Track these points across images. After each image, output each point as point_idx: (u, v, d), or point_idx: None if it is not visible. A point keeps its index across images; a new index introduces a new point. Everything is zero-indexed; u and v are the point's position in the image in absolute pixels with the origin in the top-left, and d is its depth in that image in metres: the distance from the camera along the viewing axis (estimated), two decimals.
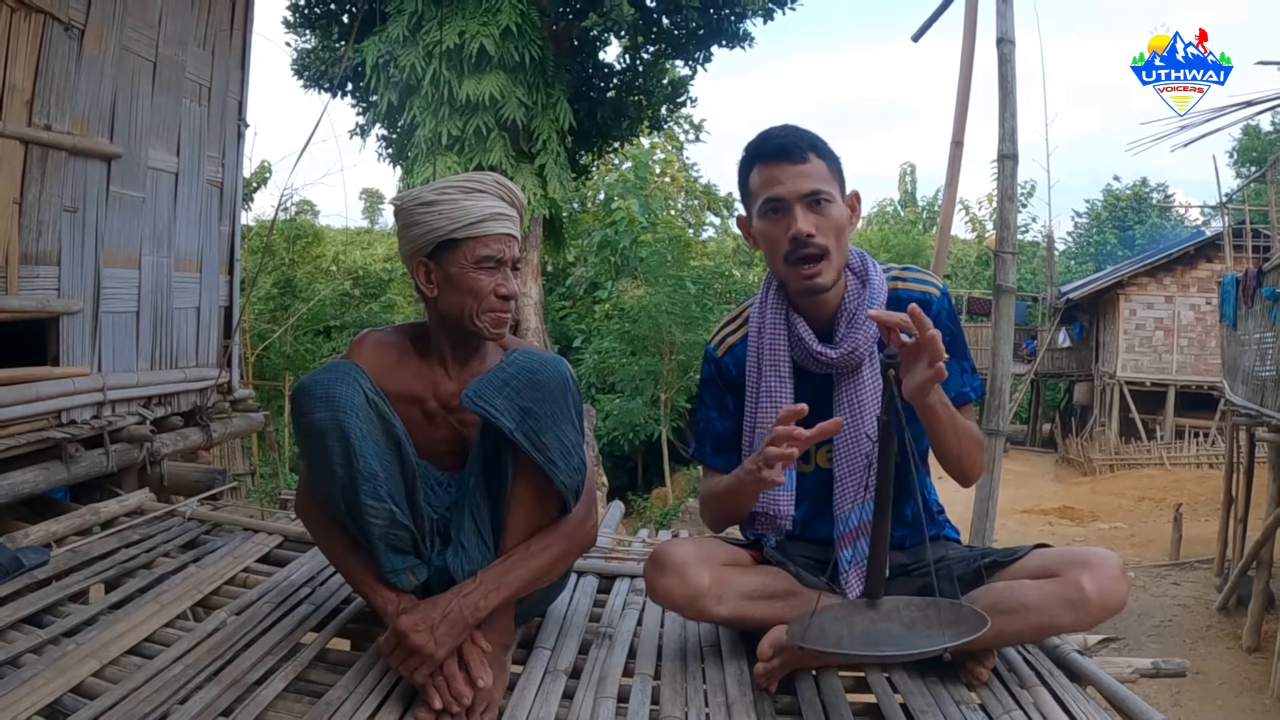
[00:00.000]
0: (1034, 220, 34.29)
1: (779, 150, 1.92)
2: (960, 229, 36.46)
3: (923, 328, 1.63)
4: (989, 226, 33.52)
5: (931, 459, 2.03)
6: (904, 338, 1.68)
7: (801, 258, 1.90)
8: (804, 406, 1.74)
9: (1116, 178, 38.58)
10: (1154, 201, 37.46)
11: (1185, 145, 9.48)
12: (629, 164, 22.62)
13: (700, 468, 2.25)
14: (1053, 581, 1.79)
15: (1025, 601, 1.79)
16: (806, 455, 2.06)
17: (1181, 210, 36.84)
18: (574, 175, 14.12)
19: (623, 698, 1.83)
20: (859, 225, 2.11)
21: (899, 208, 41.62)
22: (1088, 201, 39.83)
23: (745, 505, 1.98)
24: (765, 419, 2.00)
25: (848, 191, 1.99)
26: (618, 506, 3.75)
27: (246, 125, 4.83)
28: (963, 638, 1.65)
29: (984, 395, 2.16)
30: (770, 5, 12.99)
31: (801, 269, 1.90)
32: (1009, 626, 1.79)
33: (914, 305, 1.65)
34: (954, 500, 2.07)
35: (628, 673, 1.94)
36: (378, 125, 13.66)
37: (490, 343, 2.00)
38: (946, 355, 1.67)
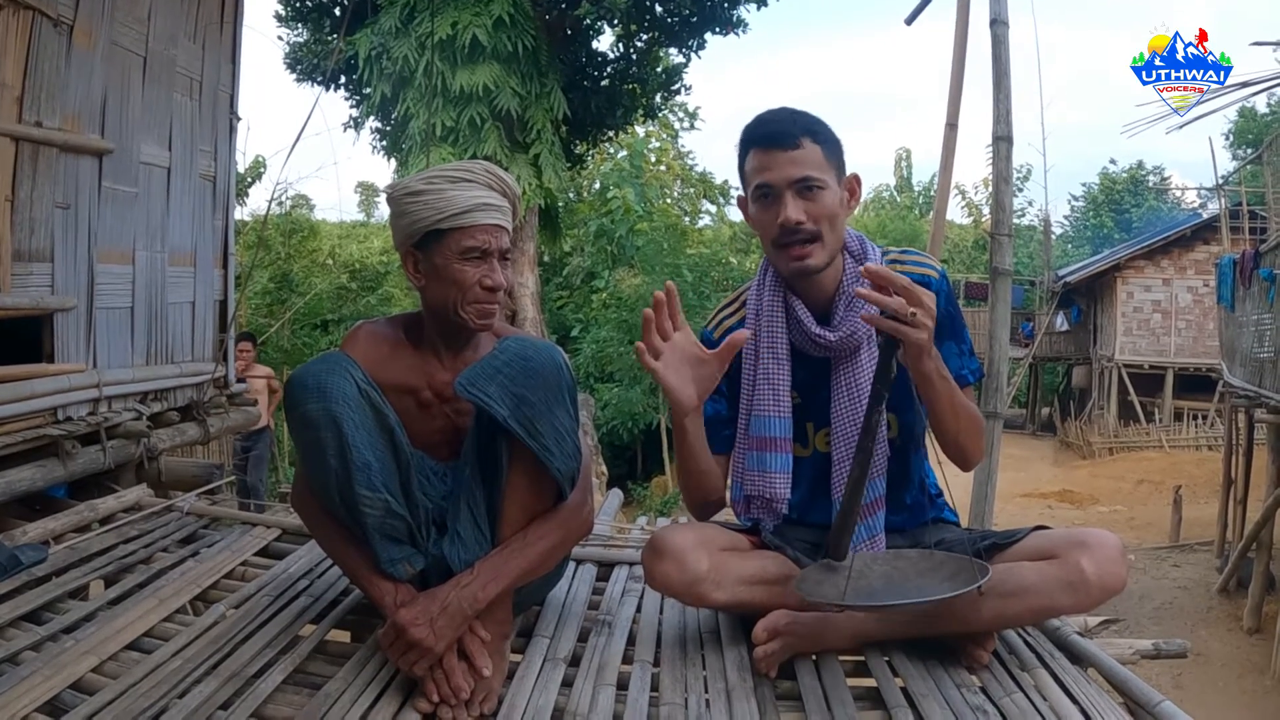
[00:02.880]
0: (1030, 204, 34.35)
1: (771, 136, 1.91)
2: (956, 213, 36.51)
3: (890, 281, 1.64)
4: (985, 211, 33.50)
5: (930, 443, 2.03)
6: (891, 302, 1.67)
7: (790, 242, 1.90)
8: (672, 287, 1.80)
9: (1113, 161, 38.60)
10: (1150, 184, 37.43)
11: (1180, 127, 9.46)
12: (624, 153, 22.57)
13: None
14: (1052, 563, 1.79)
15: (1025, 584, 1.79)
16: (805, 439, 2.06)
17: (1178, 193, 36.86)
18: (569, 165, 14.11)
19: (622, 685, 1.83)
20: (855, 211, 2.09)
21: (895, 193, 41.59)
22: (1084, 185, 39.85)
23: (690, 453, 1.97)
24: (762, 402, 2.00)
25: (847, 174, 1.97)
26: (616, 494, 3.75)
27: (239, 119, 4.80)
28: (963, 586, 1.67)
29: (983, 378, 2.16)
30: None
31: (791, 250, 1.90)
32: (1009, 609, 1.79)
33: (869, 264, 1.68)
34: (953, 484, 2.07)
35: (627, 660, 1.94)
36: (371, 118, 13.65)
37: (483, 332, 2.00)
38: (928, 319, 1.67)
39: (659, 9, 13.07)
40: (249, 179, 16.85)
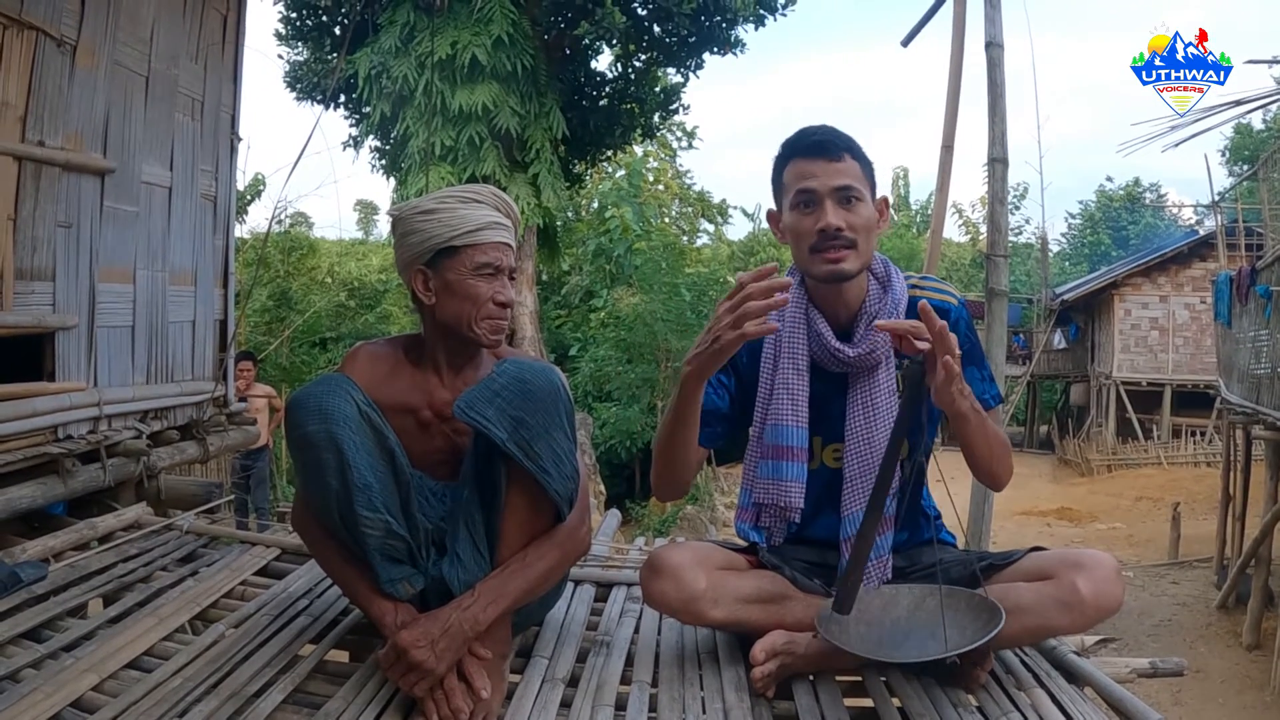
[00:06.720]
0: (1027, 222, 34.49)
1: (816, 146, 1.94)
2: (954, 232, 36.65)
3: (932, 322, 1.66)
4: (982, 229, 33.59)
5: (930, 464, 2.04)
6: (920, 344, 1.69)
7: (828, 247, 1.91)
8: (775, 265, 1.78)
9: (1109, 178, 38.80)
10: (1147, 201, 37.57)
11: (1176, 145, 9.54)
12: (622, 172, 22.65)
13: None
14: (1048, 584, 1.81)
15: (1021, 604, 1.80)
16: (811, 453, 2.06)
17: (1175, 210, 37.04)
18: (567, 184, 14.17)
19: (620, 705, 1.83)
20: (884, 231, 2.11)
21: (892, 212, 41.66)
22: (1081, 202, 40.04)
23: (689, 418, 1.89)
24: (780, 410, 2.00)
25: (878, 196, 2.01)
26: (614, 515, 3.74)
27: (239, 139, 4.83)
28: (979, 627, 1.70)
29: (1002, 402, 2.18)
30: (761, 12, 13.06)
31: (827, 253, 1.91)
32: (1006, 629, 1.80)
33: (924, 302, 1.68)
34: (950, 504, 2.08)
35: (625, 680, 1.94)
36: (371, 137, 13.72)
37: (484, 352, 2.02)
38: (959, 353, 1.69)
39: (657, 29, 13.14)
40: (249, 196, 16.90)
